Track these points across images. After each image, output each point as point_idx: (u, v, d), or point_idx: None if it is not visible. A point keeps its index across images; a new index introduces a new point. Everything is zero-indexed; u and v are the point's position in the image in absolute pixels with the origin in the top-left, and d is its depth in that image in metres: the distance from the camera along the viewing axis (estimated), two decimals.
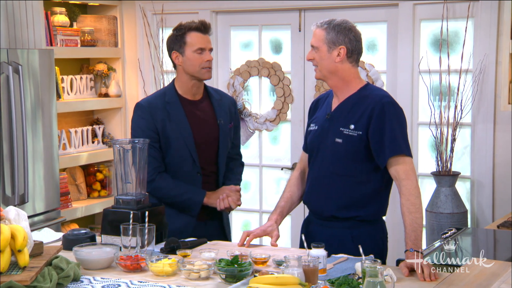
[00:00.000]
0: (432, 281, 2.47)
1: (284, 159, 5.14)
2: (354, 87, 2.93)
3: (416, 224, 2.71)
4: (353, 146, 2.88)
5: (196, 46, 3.25)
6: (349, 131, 2.88)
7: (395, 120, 2.86)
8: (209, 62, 3.27)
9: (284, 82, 5.07)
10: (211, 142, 3.34)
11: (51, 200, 4.37)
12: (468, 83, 4.43)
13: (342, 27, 2.88)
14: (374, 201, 2.95)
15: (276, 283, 2.30)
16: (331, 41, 2.87)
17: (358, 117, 2.88)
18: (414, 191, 2.77)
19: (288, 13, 5.01)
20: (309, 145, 3.06)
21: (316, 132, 3.00)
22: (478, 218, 4.49)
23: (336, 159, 2.92)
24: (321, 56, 2.89)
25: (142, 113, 3.28)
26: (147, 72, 5.39)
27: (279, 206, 3.11)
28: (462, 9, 4.43)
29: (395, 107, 2.89)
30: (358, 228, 2.93)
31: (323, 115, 3.00)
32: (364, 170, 2.90)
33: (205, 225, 3.34)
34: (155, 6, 5.27)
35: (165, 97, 3.30)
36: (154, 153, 3.24)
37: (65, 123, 5.16)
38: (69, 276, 2.46)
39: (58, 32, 4.92)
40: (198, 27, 3.26)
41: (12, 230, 2.39)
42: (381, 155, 2.84)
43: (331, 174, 2.94)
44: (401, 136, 2.85)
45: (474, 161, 4.51)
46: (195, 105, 3.33)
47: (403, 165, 2.81)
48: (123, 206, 2.99)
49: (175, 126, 3.26)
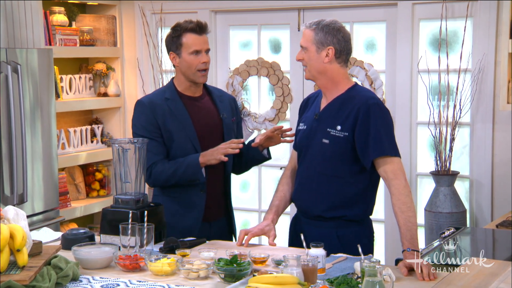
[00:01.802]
0: (431, 280, 2.47)
1: (283, 159, 5.14)
2: (342, 88, 2.94)
3: (410, 223, 2.71)
4: (340, 147, 2.89)
5: (191, 48, 3.21)
6: (336, 132, 2.90)
7: (380, 121, 2.86)
8: (205, 64, 3.23)
9: (283, 81, 5.07)
10: (215, 135, 3.29)
11: (50, 199, 4.37)
12: (467, 83, 4.43)
13: (331, 28, 2.89)
14: (361, 201, 2.96)
15: (275, 282, 2.30)
16: (320, 41, 2.88)
17: (344, 118, 2.89)
18: (403, 190, 2.77)
19: (287, 13, 5.01)
20: (297, 144, 3.08)
21: (304, 132, 3.02)
22: (477, 218, 4.49)
23: (323, 159, 2.93)
24: (310, 57, 2.91)
25: (142, 109, 3.26)
26: (146, 71, 5.39)
27: (274, 205, 3.12)
28: (461, 8, 4.43)
29: (380, 108, 2.89)
30: (344, 227, 2.94)
31: (311, 115, 3.01)
32: (351, 171, 2.91)
33: (209, 226, 3.29)
34: (154, 6, 5.27)
35: (165, 94, 3.29)
36: (153, 148, 3.18)
37: (64, 122, 5.16)
38: (68, 275, 2.46)
39: (57, 32, 4.92)
40: (193, 28, 3.22)
41: (11, 230, 2.39)
42: (366, 156, 2.85)
43: (319, 174, 2.95)
44: (386, 137, 2.85)
45: (473, 161, 4.51)
46: (196, 100, 3.32)
47: (390, 165, 2.82)
48: (122, 205, 2.99)
49: (176, 120, 3.23)
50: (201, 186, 3.25)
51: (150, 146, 3.13)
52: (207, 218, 3.30)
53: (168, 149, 3.25)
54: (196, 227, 3.24)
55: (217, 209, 3.34)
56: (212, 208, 3.31)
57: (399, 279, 2.49)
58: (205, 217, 3.28)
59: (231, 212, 3.43)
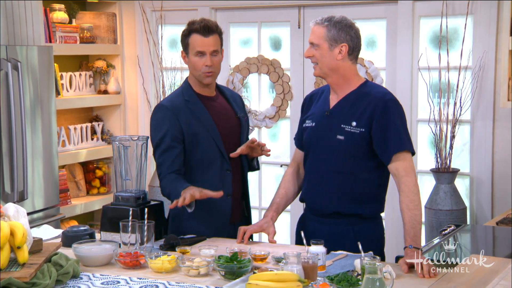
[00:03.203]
0: (431, 277, 2.47)
1: (283, 156, 5.14)
2: (354, 84, 2.93)
3: (415, 221, 2.71)
4: (355, 143, 2.87)
5: (195, 49, 3.14)
6: (351, 128, 2.88)
7: (398, 118, 2.86)
8: (208, 67, 3.13)
9: (284, 79, 5.07)
10: (234, 135, 3.24)
11: (51, 197, 4.37)
12: (467, 80, 4.43)
13: (343, 24, 2.87)
14: (374, 198, 2.95)
15: (276, 279, 2.30)
16: (333, 38, 2.86)
17: (360, 114, 2.87)
18: (413, 188, 2.77)
19: (288, 10, 5.00)
20: (305, 141, 3.04)
21: (313, 129, 2.99)
22: (477, 215, 4.49)
23: (337, 156, 2.91)
24: (322, 54, 2.88)
25: (165, 113, 3.14)
26: (146, 69, 5.39)
27: (274, 202, 3.11)
28: (461, 6, 4.43)
29: (396, 104, 2.90)
30: (359, 224, 2.93)
31: (320, 112, 2.99)
32: (365, 167, 2.90)
33: (234, 227, 3.20)
34: (154, 3, 5.26)
35: (184, 96, 3.20)
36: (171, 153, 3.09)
37: (64, 120, 5.16)
38: (68, 272, 2.46)
39: (57, 29, 4.92)
40: (197, 29, 3.13)
41: (11, 227, 2.39)
42: (385, 151, 2.84)
43: (332, 171, 2.92)
44: (404, 133, 2.86)
45: (473, 158, 4.51)
46: (213, 100, 3.25)
47: (403, 162, 2.81)
48: (122, 203, 2.99)
49: (199, 122, 3.15)
50: (228, 191, 3.17)
51: (167, 155, 3.08)
52: (233, 220, 3.24)
53: (192, 153, 3.16)
54: (224, 230, 3.18)
55: (238, 210, 3.30)
56: (236, 210, 3.25)
57: (399, 276, 2.49)
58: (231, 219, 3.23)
59: (249, 213, 3.38)
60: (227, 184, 3.18)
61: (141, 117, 5.46)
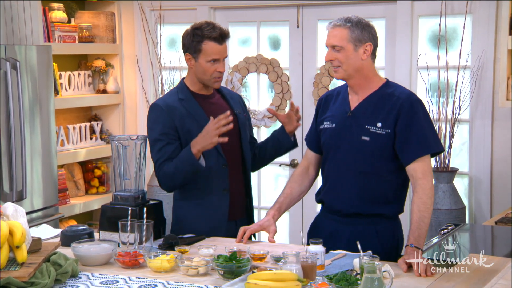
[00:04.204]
0: (428, 276, 2.47)
1: (283, 156, 5.13)
2: (375, 85, 2.91)
3: (423, 222, 2.71)
4: (381, 144, 2.84)
5: (210, 57, 3.14)
6: (377, 129, 2.84)
7: (424, 118, 2.84)
8: (221, 72, 3.18)
9: (283, 78, 5.07)
10: (231, 131, 3.18)
11: (49, 196, 4.37)
12: (466, 80, 4.43)
13: (364, 24, 2.86)
14: (395, 199, 2.93)
15: (274, 279, 2.30)
16: (357, 39, 2.83)
17: (385, 115, 2.84)
18: (428, 191, 2.76)
19: (286, 9, 5.00)
20: (325, 143, 2.99)
21: (333, 130, 2.95)
22: (476, 214, 4.49)
23: (362, 157, 2.87)
24: (347, 56, 2.84)
25: (159, 112, 3.17)
26: (145, 68, 5.39)
27: (278, 201, 3.09)
28: (460, 5, 4.43)
29: (422, 105, 2.88)
30: (381, 224, 2.91)
31: (340, 113, 2.94)
32: (388, 168, 2.87)
33: (235, 225, 3.22)
34: (153, 3, 5.26)
35: (178, 95, 3.22)
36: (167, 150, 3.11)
37: (63, 119, 5.16)
38: (67, 272, 2.46)
39: (56, 28, 4.91)
40: (216, 38, 3.16)
41: (10, 227, 2.39)
42: (407, 153, 2.81)
43: (355, 172, 2.89)
44: (431, 134, 2.84)
45: (472, 158, 4.51)
46: (209, 98, 3.26)
47: (422, 164, 2.79)
48: (121, 202, 2.99)
49: (194, 120, 3.16)
50: (224, 186, 3.19)
51: (165, 150, 3.10)
52: (233, 217, 3.25)
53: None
54: (222, 227, 3.19)
55: (240, 208, 3.30)
56: (236, 207, 3.26)
57: (398, 275, 2.50)
58: (230, 216, 3.23)
59: (251, 211, 3.38)
60: (224, 179, 3.19)
61: (140, 117, 5.46)
